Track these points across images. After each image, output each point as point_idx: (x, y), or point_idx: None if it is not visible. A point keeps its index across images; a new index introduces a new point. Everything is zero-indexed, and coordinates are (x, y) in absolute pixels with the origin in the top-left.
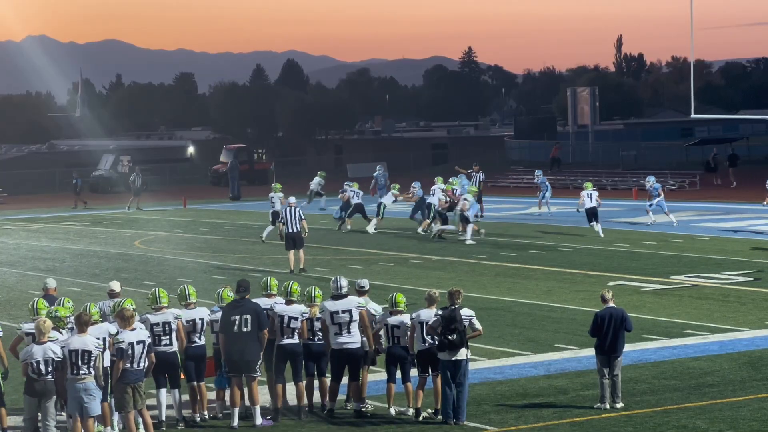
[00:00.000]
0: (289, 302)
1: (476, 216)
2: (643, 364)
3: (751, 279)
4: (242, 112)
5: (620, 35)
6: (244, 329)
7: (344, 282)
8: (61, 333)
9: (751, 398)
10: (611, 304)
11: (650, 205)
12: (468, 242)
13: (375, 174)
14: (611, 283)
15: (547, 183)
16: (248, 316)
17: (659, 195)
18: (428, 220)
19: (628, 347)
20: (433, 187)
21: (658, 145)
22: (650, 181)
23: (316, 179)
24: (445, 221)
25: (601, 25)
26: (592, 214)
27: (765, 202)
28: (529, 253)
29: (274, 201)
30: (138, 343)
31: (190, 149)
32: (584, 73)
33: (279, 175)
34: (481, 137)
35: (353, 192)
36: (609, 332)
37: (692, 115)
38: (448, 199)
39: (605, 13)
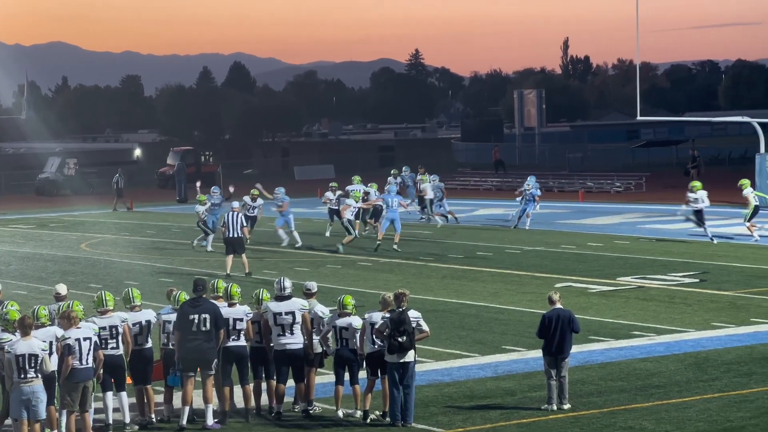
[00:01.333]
0: (231, 305)
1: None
2: (590, 365)
3: (697, 280)
4: (189, 115)
5: (567, 38)
6: (203, 328)
7: (288, 283)
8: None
9: (697, 399)
10: (558, 306)
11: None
12: (340, 247)
13: (402, 176)
14: (558, 285)
15: (536, 192)
16: (207, 316)
17: (534, 201)
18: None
19: (575, 348)
20: (348, 187)
21: (604, 147)
22: (530, 184)
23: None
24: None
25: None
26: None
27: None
28: (476, 255)
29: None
30: (84, 339)
31: (137, 152)
32: (531, 76)
33: (226, 178)
34: (428, 139)
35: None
36: (556, 334)
37: (638, 118)
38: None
39: (552, 16)
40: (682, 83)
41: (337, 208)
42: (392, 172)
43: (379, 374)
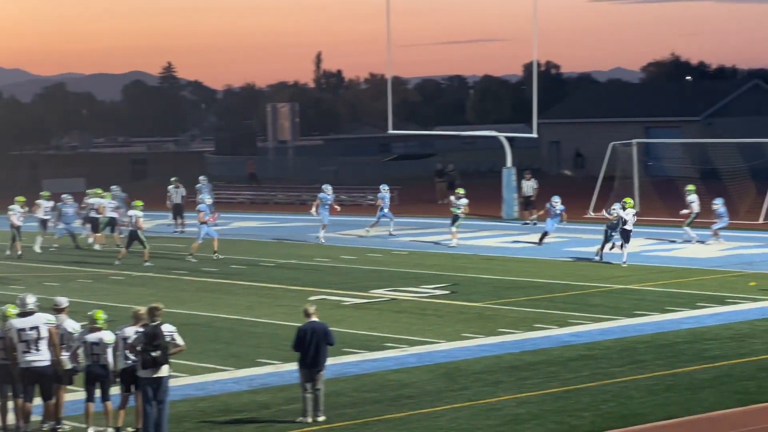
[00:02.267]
0: None
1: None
2: (345, 377)
3: (448, 292)
4: None
5: (319, 52)
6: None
7: (30, 299)
8: None
9: (447, 408)
10: (314, 319)
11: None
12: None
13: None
14: (312, 298)
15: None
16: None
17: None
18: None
19: (329, 361)
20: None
21: (357, 160)
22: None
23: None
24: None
25: (300, 41)
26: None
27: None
28: (230, 269)
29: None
30: None
31: None
32: (284, 89)
33: None
34: (181, 153)
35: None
36: (311, 346)
37: (390, 131)
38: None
39: (305, 30)
40: (432, 97)
41: (47, 218)
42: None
43: (132, 390)
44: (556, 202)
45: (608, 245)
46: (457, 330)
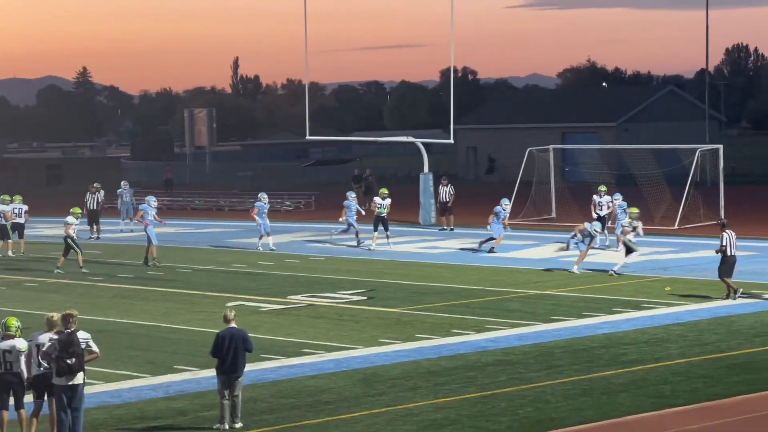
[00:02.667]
0: None
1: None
2: (262, 383)
3: (365, 298)
4: None
5: (237, 57)
6: None
7: None
8: None
9: (365, 414)
10: (233, 325)
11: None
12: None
13: (120, 191)
14: (230, 304)
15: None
16: None
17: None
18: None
19: (247, 367)
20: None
21: (274, 166)
22: (260, 201)
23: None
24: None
25: (217, 46)
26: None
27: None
28: (146, 275)
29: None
30: None
31: None
32: (201, 95)
33: None
34: (97, 158)
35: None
36: (230, 352)
37: (307, 137)
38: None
39: (222, 35)
40: (350, 103)
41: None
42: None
43: (46, 397)
44: (507, 205)
45: (563, 246)
46: (374, 335)
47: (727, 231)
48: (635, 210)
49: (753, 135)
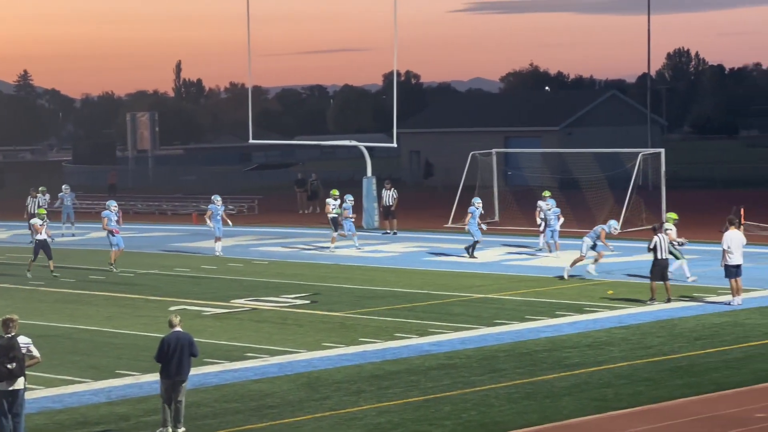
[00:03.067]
0: None
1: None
2: (206, 387)
3: (309, 302)
4: None
5: (179, 61)
6: None
7: None
8: None
9: (309, 418)
10: (178, 329)
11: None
12: None
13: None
14: (173, 308)
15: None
16: None
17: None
18: None
19: (190, 371)
20: None
21: (218, 169)
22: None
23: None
24: None
25: (160, 50)
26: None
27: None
28: (89, 279)
29: None
30: None
31: None
32: (144, 98)
33: None
34: (38, 162)
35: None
36: (174, 357)
37: (251, 141)
38: None
39: (164, 38)
40: (293, 107)
41: None
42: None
43: None
44: (479, 203)
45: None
46: (318, 339)
47: (659, 234)
48: (674, 216)
49: (694, 139)
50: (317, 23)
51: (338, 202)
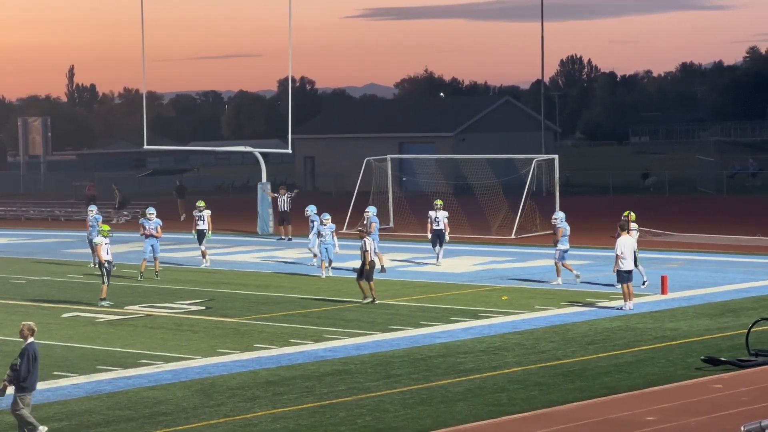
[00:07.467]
0: None
1: None
2: (98, 395)
3: (203, 308)
4: None
5: (72, 65)
6: None
7: None
8: None
9: (203, 425)
10: (31, 339)
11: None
12: None
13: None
14: (65, 315)
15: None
16: None
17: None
18: None
19: (82, 379)
20: None
21: (111, 175)
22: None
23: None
24: None
25: (53, 54)
26: (436, 236)
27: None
28: None
29: None
30: None
31: None
32: (36, 103)
33: None
34: None
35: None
36: (36, 368)
37: (145, 147)
38: None
39: (57, 43)
40: (187, 113)
41: None
42: None
43: None
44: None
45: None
46: (212, 345)
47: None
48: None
49: (586, 146)
50: (212, 29)
51: (206, 212)
